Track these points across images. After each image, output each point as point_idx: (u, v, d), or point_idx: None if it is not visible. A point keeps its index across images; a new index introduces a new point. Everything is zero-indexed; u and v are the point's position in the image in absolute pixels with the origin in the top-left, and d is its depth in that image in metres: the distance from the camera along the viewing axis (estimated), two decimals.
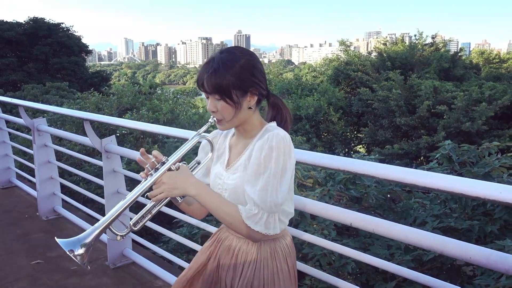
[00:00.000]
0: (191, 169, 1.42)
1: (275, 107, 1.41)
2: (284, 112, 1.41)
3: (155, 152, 1.30)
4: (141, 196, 1.27)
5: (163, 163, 1.28)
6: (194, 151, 1.56)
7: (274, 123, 1.39)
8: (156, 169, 1.27)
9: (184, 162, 1.38)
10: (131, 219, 1.34)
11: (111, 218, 1.22)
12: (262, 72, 1.34)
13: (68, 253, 1.13)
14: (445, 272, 3.62)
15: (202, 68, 1.31)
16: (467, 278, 3.67)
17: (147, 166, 1.29)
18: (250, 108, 1.33)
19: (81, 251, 1.14)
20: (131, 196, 1.25)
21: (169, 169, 1.29)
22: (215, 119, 1.35)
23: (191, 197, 1.31)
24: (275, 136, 1.24)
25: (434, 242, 1.27)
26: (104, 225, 1.21)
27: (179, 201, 1.37)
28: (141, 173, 1.31)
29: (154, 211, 1.33)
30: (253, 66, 1.31)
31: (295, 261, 1.47)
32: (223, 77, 1.25)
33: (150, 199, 1.29)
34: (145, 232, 4.53)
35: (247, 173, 1.29)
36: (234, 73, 1.26)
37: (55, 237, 1.21)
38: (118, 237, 1.30)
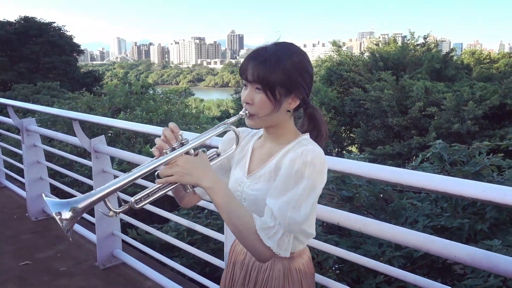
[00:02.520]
0: (211, 160, 1.25)
1: (312, 119, 1.28)
2: (322, 127, 1.28)
3: (174, 126, 1.14)
4: (146, 176, 1.11)
5: (182, 144, 1.14)
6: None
7: (308, 136, 1.26)
8: (173, 149, 1.13)
9: (204, 149, 1.26)
10: (122, 203, 1.17)
11: (111, 189, 1.07)
12: (311, 76, 1.23)
13: (54, 215, 1.01)
14: (436, 270, 3.64)
15: (251, 55, 1.20)
16: (458, 277, 3.70)
17: (160, 140, 1.14)
18: (288, 111, 1.22)
19: (68, 215, 1.01)
20: (137, 170, 1.09)
21: (187, 153, 1.14)
22: (247, 112, 1.21)
23: (203, 188, 1.14)
24: (311, 151, 1.13)
25: (420, 240, 1.27)
26: (101, 194, 1.07)
27: (188, 191, 1.20)
28: (153, 148, 1.15)
29: (158, 194, 1.16)
30: (305, 68, 1.20)
31: (312, 283, 1.34)
32: (271, 70, 1.14)
33: (158, 178, 1.13)
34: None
35: (273, 186, 1.17)
36: (284, 69, 1.15)
37: (43, 195, 1.12)
38: (111, 213, 1.14)
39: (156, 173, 1.12)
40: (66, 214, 1.01)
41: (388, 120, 16.31)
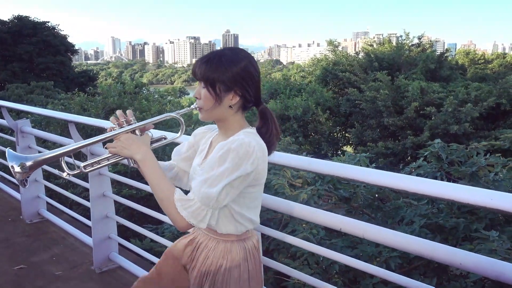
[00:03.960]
0: (156, 141, 1.52)
1: (263, 117, 1.42)
2: (271, 124, 1.41)
3: (128, 111, 1.40)
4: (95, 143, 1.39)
5: (130, 125, 1.38)
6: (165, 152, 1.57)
7: (253, 130, 1.40)
8: (121, 127, 1.37)
9: (151, 132, 1.47)
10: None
11: (65, 150, 1.33)
12: (254, 80, 1.37)
13: (10, 167, 1.28)
14: (432, 270, 3.65)
15: (201, 57, 1.39)
16: (453, 277, 3.71)
17: (116, 122, 1.38)
18: (230, 107, 1.36)
19: (18, 169, 1.27)
20: (91, 139, 1.37)
21: (133, 132, 1.38)
22: (197, 106, 1.40)
23: (135, 161, 1.36)
24: (239, 140, 1.28)
25: (424, 247, 1.25)
26: (54, 154, 1.32)
27: (130, 165, 1.41)
28: (109, 127, 1.40)
29: (107, 163, 1.40)
30: (247, 71, 1.34)
31: (256, 267, 1.48)
32: (213, 68, 1.31)
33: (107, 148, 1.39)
34: (132, 235, 4.46)
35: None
36: (225, 70, 1.31)
37: (8, 148, 1.33)
38: (65, 174, 1.36)
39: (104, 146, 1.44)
40: (17, 168, 1.28)
41: (384, 120, 16.35)
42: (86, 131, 8.75)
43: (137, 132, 1.38)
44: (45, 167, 3.92)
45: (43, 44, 32.23)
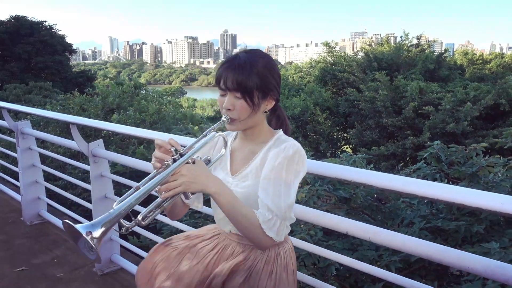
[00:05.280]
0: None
1: (279, 116, 1.41)
2: (287, 122, 1.42)
3: (172, 140, 1.21)
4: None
5: (182, 155, 1.20)
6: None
7: (282, 132, 1.39)
8: (174, 160, 1.18)
9: (199, 156, 1.30)
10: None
11: (125, 207, 1.11)
12: (280, 76, 1.36)
13: (85, 235, 1.02)
14: (433, 272, 3.65)
15: (225, 64, 1.29)
16: (454, 278, 3.71)
17: (160, 152, 1.20)
18: (265, 112, 1.34)
19: (97, 234, 1.04)
20: (148, 186, 1.13)
21: (187, 162, 1.20)
22: (228, 117, 1.30)
23: (209, 194, 1.22)
24: (291, 146, 1.26)
25: (433, 251, 1.26)
26: (118, 213, 1.11)
27: (188, 198, 1.25)
28: (153, 162, 1.22)
29: (161, 209, 1.21)
30: (273, 68, 1.32)
31: (295, 266, 1.47)
32: (247, 76, 1.25)
33: (161, 191, 1.17)
34: (130, 233, 4.45)
35: (261, 179, 1.27)
36: (259, 73, 1.26)
37: (65, 221, 1.08)
38: (124, 229, 1.18)
39: (158, 189, 1.17)
40: (96, 233, 1.04)
41: (383, 120, 16.35)
42: (86, 132, 8.75)
43: (189, 160, 1.21)
44: (45, 167, 3.91)
45: (41, 44, 32.12)
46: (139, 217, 1.18)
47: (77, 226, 1.03)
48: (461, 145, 4.31)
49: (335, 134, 20.20)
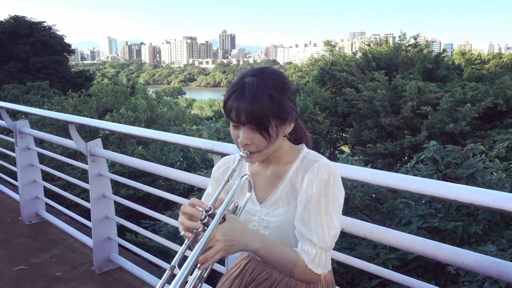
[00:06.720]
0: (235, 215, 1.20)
1: (298, 128, 1.28)
2: (307, 133, 1.30)
3: (195, 201, 1.08)
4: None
5: (210, 216, 1.04)
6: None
7: (305, 147, 1.27)
8: (204, 224, 1.03)
9: (228, 209, 1.14)
10: None
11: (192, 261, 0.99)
12: (294, 92, 1.22)
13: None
14: (430, 271, 3.67)
15: (235, 94, 1.14)
16: (451, 277, 3.73)
17: (187, 220, 1.05)
18: (285, 135, 1.23)
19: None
20: (186, 267, 0.99)
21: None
22: (247, 152, 1.17)
23: (250, 251, 1.12)
24: (325, 168, 1.15)
25: (427, 247, 1.27)
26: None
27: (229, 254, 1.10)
28: (183, 232, 1.06)
29: (204, 275, 1.09)
30: (286, 87, 1.17)
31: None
32: (261, 104, 1.10)
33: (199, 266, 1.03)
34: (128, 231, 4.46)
35: (300, 210, 1.17)
36: (273, 98, 1.12)
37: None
38: None
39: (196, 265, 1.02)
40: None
41: (381, 120, 16.39)
42: (82, 133, 8.76)
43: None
44: (43, 167, 3.92)
45: (40, 44, 32.08)
46: None
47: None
48: (459, 145, 4.32)
49: (334, 133, 20.24)
